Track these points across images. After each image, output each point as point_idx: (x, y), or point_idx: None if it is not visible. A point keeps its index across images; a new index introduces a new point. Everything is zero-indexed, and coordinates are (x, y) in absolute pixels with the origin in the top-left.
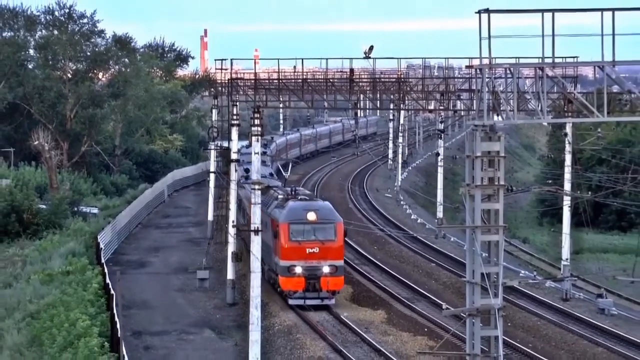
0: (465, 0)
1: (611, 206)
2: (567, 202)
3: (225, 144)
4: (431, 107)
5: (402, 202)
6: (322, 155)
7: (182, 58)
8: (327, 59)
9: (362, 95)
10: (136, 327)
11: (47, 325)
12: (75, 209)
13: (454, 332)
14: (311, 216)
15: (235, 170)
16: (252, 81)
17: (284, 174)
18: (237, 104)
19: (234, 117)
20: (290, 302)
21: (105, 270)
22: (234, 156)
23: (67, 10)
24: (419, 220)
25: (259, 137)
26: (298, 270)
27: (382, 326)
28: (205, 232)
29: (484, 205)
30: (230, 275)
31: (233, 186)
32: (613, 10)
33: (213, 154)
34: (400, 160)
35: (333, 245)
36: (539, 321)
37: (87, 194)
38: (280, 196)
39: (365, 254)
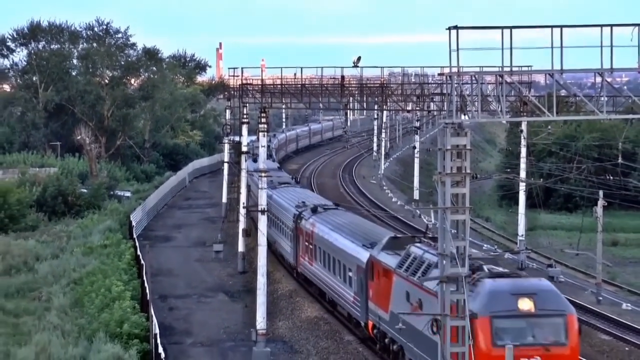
0: (438, 18)
1: (559, 191)
2: (522, 187)
3: (237, 139)
4: (409, 108)
5: (384, 188)
6: (323, 146)
7: (201, 67)
8: (322, 67)
9: (351, 98)
10: (162, 291)
11: (88, 289)
12: (112, 192)
13: None
14: (525, 305)
15: (245, 161)
16: (260, 86)
17: (428, 222)
18: (247, 105)
19: (244, 116)
20: None
21: (137, 244)
22: (244, 149)
23: (104, 27)
24: (398, 203)
25: (266, 133)
26: None
27: None
28: (220, 212)
29: (453, 190)
30: (241, 248)
31: (243, 174)
32: (561, 27)
33: (227, 147)
34: (383, 152)
35: (563, 352)
36: None
37: (121, 180)
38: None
39: None
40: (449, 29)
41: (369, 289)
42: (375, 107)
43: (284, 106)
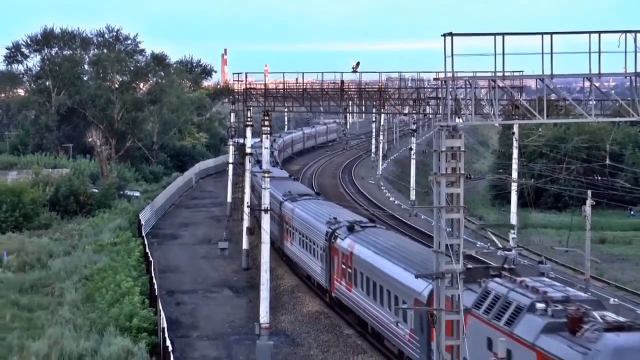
0: (434, 25)
1: (549, 191)
2: (514, 187)
3: (241, 141)
4: (406, 111)
5: (382, 187)
6: (321, 149)
7: (207, 72)
8: (322, 72)
9: (350, 102)
10: (170, 287)
11: (99, 285)
12: (121, 192)
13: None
14: None
15: (249, 162)
16: (263, 90)
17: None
18: (251, 108)
19: (248, 119)
20: None
21: (145, 241)
22: (248, 150)
23: (114, 33)
24: (395, 202)
25: (269, 135)
26: None
27: None
28: (224, 211)
29: (448, 190)
30: (245, 245)
31: (247, 175)
32: (551, 34)
33: (231, 148)
34: (381, 154)
35: None
36: None
37: (130, 181)
38: (542, 306)
39: None
40: (444, 35)
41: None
42: (374, 110)
43: (286, 110)
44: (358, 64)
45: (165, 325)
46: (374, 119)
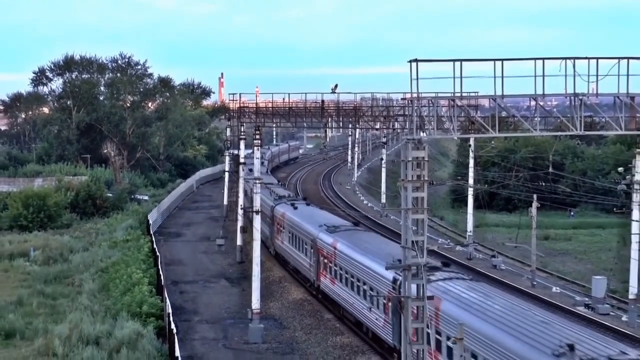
0: (401, 52)
1: (501, 195)
2: (470, 191)
3: (236, 152)
4: (377, 126)
5: (357, 192)
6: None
7: (206, 93)
8: (306, 93)
9: (329, 119)
10: (174, 278)
11: (113, 276)
12: (132, 196)
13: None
14: None
15: (243, 170)
16: (254, 109)
17: None
18: (244, 124)
19: (242, 133)
20: None
21: (153, 239)
22: (241, 160)
23: (127, 59)
24: (368, 204)
25: (259, 147)
26: None
27: None
28: (221, 212)
29: (414, 194)
30: (239, 242)
31: (241, 181)
32: (502, 60)
33: (227, 159)
34: (356, 163)
35: None
36: None
37: (140, 186)
38: None
39: None
40: (410, 61)
41: None
42: (350, 125)
43: (274, 125)
44: (336, 85)
45: (170, 311)
46: (350, 133)
